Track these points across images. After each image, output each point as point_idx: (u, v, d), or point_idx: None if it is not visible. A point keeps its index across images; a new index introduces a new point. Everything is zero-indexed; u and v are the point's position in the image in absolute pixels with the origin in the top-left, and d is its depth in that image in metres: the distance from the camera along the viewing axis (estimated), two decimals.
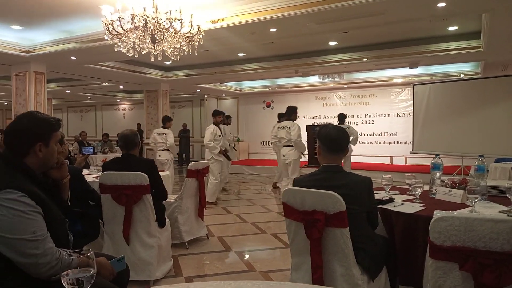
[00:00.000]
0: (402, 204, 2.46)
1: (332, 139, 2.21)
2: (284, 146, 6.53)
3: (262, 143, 13.59)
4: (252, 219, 5.47)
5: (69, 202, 2.02)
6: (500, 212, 2.24)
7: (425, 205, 2.40)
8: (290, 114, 6.61)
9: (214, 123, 6.77)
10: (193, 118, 14.79)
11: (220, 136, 6.70)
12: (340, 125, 7.79)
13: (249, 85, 13.04)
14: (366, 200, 2.13)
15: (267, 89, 13.05)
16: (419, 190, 2.56)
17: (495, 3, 4.46)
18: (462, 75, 9.38)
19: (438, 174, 2.80)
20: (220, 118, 6.92)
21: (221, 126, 7.05)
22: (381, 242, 2.22)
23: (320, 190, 2.03)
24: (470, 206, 2.25)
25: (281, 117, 7.91)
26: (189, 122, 14.56)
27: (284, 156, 6.50)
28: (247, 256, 3.89)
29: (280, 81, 12.31)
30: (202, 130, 14.22)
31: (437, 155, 2.85)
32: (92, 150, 3.69)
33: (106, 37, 4.71)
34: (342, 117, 8.39)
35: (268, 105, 13.74)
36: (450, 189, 2.58)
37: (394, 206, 2.40)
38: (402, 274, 2.27)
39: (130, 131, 3.28)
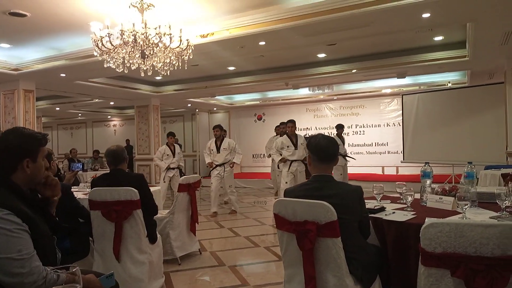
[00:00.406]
0: (393, 212, 2.46)
1: (323, 149, 2.21)
2: None
3: (255, 156, 13.58)
4: (245, 232, 5.42)
5: (56, 218, 1.99)
6: (491, 218, 2.25)
7: (416, 213, 2.40)
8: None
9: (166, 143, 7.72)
10: (185, 132, 14.76)
11: (168, 155, 7.62)
12: (336, 135, 8.00)
13: (240, 98, 13.08)
14: (358, 209, 2.12)
15: (258, 102, 13.10)
16: (410, 198, 2.56)
17: (478, 13, 4.55)
18: (449, 84, 9.52)
19: (428, 181, 2.81)
20: (171, 139, 7.76)
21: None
22: (374, 251, 2.21)
23: (312, 200, 2.02)
24: (461, 213, 2.26)
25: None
26: (180, 136, 14.52)
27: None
28: (240, 271, 3.85)
29: (271, 94, 12.37)
30: (194, 145, 14.19)
31: (426, 163, 2.86)
32: (81, 167, 3.65)
33: (95, 53, 4.71)
34: (339, 127, 8.41)
35: (260, 118, 13.78)
36: (441, 197, 2.59)
37: (386, 214, 2.40)
38: (395, 283, 2.26)
39: (116, 146, 3.26)
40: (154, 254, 3.17)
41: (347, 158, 8.15)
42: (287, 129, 6.94)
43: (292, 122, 6.81)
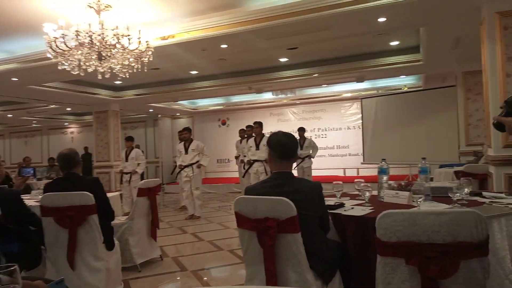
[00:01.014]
0: (352, 208, 2.50)
1: (283, 146, 2.21)
2: None
3: (219, 160, 13.49)
4: (209, 237, 5.35)
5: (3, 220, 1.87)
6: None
7: (374, 208, 2.45)
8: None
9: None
10: (147, 138, 14.43)
11: (122, 158, 7.83)
12: (301, 137, 8.14)
13: (203, 103, 12.99)
14: (318, 205, 2.14)
15: (222, 106, 13.06)
16: (367, 194, 2.61)
17: (431, 17, 4.77)
18: (405, 88, 9.91)
19: (385, 177, 2.89)
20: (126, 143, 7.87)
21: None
22: (334, 247, 2.23)
23: (272, 196, 2.02)
24: (416, 207, 2.33)
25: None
26: (142, 142, 14.20)
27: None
28: (203, 275, 3.78)
29: (235, 99, 12.36)
30: (157, 151, 13.90)
31: (383, 159, 2.94)
32: (32, 172, 3.44)
33: (49, 55, 4.53)
34: (301, 130, 8.55)
35: (224, 123, 13.73)
36: (397, 192, 2.66)
37: (345, 210, 2.43)
38: (355, 276, 2.29)
39: (69, 149, 3.08)
40: (111, 261, 3.05)
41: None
42: (254, 130, 7.07)
43: (259, 123, 6.90)
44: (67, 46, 4.38)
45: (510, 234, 2.10)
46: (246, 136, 7.80)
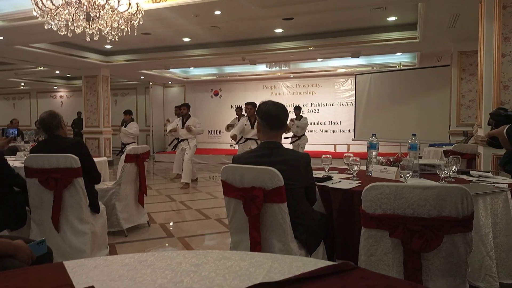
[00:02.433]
0: (340, 181, 2.50)
1: (272, 115, 2.17)
2: None
3: (210, 132, 13.43)
4: (196, 205, 5.37)
5: None
6: None
7: (362, 182, 2.45)
8: None
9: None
10: (137, 106, 14.25)
11: None
12: (297, 116, 8.16)
13: (196, 72, 12.77)
14: (305, 175, 2.12)
15: (215, 77, 12.86)
16: (356, 168, 2.61)
17: None
18: (400, 66, 9.83)
19: (374, 153, 2.88)
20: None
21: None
22: (319, 218, 2.24)
23: (259, 166, 2.00)
24: (403, 182, 2.33)
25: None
26: (133, 110, 14.00)
27: None
28: (189, 242, 3.81)
29: (228, 69, 12.18)
30: (148, 119, 13.77)
31: (373, 134, 2.92)
32: (16, 132, 3.36)
33: (35, 13, 4.35)
34: (297, 109, 8.58)
35: (216, 94, 13.58)
36: (385, 167, 2.66)
37: (332, 183, 2.43)
38: (339, 248, 2.31)
39: (47, 113, 2.94)
40: (97, 225, 3.04)
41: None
42: (246, 110, 7.09)
43: (252, 104, 6.90)
44: (53, 5, 4.21)
45: (495, 212, 2.12)
46: (244, 114, 7.70)
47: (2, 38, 6.87)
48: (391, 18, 6.81)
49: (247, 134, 7.01)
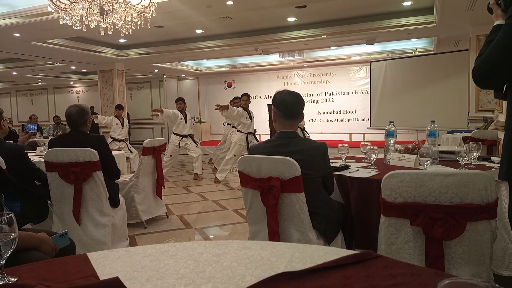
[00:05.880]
0: (357, 170, 2.47)
1: (288, 105, 2.16)
2: None
3: (225, 124, 13.43)
4: (213, 197, 5.41)
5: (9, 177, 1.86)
6: None
7: (380, 170, 2.42)
8: None
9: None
10: (152, 99, 14.35)
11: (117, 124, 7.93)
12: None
13: (209, 64, 12.76)
14: (322, 165, 2.11)
15: (228, 68, 12.84)
16: (373, 156, 2.58)
17: None
18: (416, 52, 9.62)
19: (392, 141, 2.84)
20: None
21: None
22: (337, 207, 2.23)
23: (276, 156, 1.99)
24: (423, 170, 2.29)
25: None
26: (147, 103, 14.14)
27: None
28: (207, 232, 3.84)
29: (241, 60, 12.13)
30: None
31: (391, 122, 2.88)
32: (36, 128, 3.44)
33: (50, 9, 4.41)
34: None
35: (230, 85, 13.55)
36: (404, 155, 2.62)
37: (350, 172, 2.41)
38: (358, 237, 2.30)
39: (76, 108, 2.97)
40: (117, 217, 3.09)
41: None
42: (241, 102, 6.91)
43: (247, 95, 6.83)
44: (68, 0, 4.26)
45: None
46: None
47: (18, 35, 6.98)
48: (407, 3, 6.64)
49: (248, 128, 6.69)
